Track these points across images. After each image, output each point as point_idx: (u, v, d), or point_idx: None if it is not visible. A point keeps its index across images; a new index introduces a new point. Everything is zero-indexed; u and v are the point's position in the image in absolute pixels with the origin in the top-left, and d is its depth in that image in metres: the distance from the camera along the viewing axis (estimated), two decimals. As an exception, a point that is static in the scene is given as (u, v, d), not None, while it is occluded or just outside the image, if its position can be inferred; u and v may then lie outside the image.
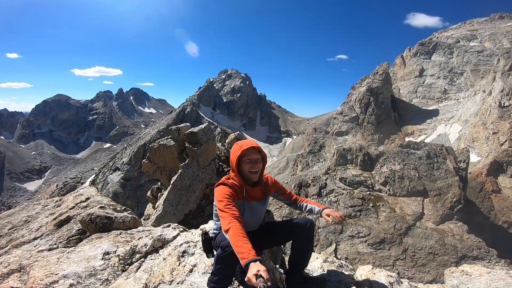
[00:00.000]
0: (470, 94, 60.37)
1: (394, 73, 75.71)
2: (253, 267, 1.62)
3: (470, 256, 27.29)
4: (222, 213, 2.08)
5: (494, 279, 2.58)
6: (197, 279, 2.44)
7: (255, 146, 2.42)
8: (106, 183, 61.34)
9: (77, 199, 5.55)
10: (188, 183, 12.82)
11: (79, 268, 2.73)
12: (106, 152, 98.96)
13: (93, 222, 3.96)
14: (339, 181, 36.71)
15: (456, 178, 33.77)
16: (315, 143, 58.72)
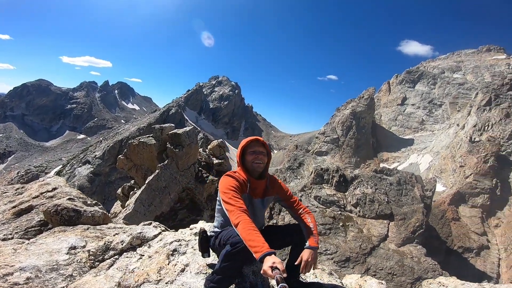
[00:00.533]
0: (445, 126, 63.43)
1: (379, 98, 78.02)
2: (269, 259, 1.63)
3: (425, 278, 28.03)
4: (228, 205, 2.00)
5: None
6: (189, 279, 2.31)
7: (259, 139, 2.42)
8: (72, 176, 58.07)
9: (43, 188, 5.18)
10: (164, 185, 12.48)
11: (40, 261, 2.52)
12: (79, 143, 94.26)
13: (58, 214, 3.70)
14: (314, 199, 37.38)
15: (421, 205, 35.48)
16: (294, 160, 59.70)
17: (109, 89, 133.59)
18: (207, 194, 14.41)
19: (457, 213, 41.48)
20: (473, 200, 43.16)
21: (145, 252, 2.82)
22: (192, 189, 13.55)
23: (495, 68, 70.01)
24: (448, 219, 40.28)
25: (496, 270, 35.45)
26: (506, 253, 36.72)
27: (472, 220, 40.99)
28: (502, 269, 35.67)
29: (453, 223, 40.06)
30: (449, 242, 37.99)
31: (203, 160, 16.43)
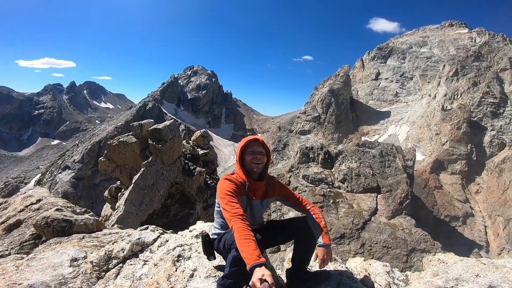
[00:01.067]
0: (417, 97, 66.85)
1: (354, 75, 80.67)
2: (258, 271, 1.61)
3: (418, 249, 29.46)
4: (224, 212, 2.01)
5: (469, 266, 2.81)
6: (200, 284, 2.30)
7: (258, 138, 2.41)
8: (54, 183, 55.81)
9: (27, 201, 4.99)
10: (151, 182, 12.27)
11: (45, 276, 2.46)
12: (54, 149, 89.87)
13: (49, 226, 3.59)
14: (302, 178, 38.05)
15: (404, 176, 36.84)
16: (279, 141, 60.19)
17: (76, 90, 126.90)
18: (197, 186, 14.37)
19: (439, 181, 43.54)
20: (452, 167, 45.56)
21: (148, 258, 2.79)
22: (181, 183, 13.43)
23: (459, 42, 74.30)
24: (431, 188, 42.23)
25: (484, 238, 37.25)
26: (491, 220, 38.70)
27: (453, 188, 43.24)
28: (490, 237, 37.36)
29: (437, 192, 41.97)
30: (435, 211, 39.68)
31: (188, 153, 16.22)
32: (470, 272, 2.69)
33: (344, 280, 2.60)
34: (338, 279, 2.62)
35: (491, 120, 49.15)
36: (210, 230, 2.54)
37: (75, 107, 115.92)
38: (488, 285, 2.44)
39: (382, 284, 2.77)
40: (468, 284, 2.49)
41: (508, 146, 45.80)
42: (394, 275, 2.97)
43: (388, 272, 2.95)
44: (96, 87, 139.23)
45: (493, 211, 39.13)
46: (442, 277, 2.63)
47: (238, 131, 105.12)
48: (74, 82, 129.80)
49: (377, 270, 2.97)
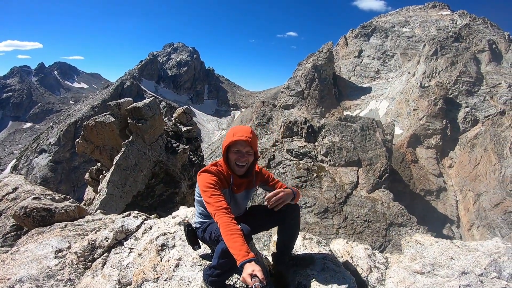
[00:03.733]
0: (398, 74, 69.04)
1: (337, 52, 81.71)
2: (248, 267, 1.60)
3: (396, 223, 30.68)
4: (208, 205, 1.94)
5: (444, 248, 2.94)
6: (186, 273, 2.29)
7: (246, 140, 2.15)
8: (31, 168, 53.64)
9: (3, 190, 4.79)
10: (133, 162, 12.01)
11: (32, 270, 2.43)
12: (27, 132, 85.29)
13: (29, 216, 3.48)
14: (286, 152, 38.50)
15: (384, 149, 37.89)
16: (263, 116, 60.17)
17: (46, 71, 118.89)
18: (181, 164, 14.24)
19: (415, 155, 45.39)
20: (427, 141, 47.70)
21: (133, 245, 2.75)
22: (164, 162, 13.24)
23: (440, 23, 75.89)
24: (408, 162, 43.96)
25: (455, 213, 39.10)
26: (462, 194, 40.75)
27: (428, 161, 45.21)
28: (461, 212, 39.11)
29: (413, 165, 43.73)
30: (411, 185, 41.32)
31: (170, 130, 15.86)
32: (445, 255, 2.82)
33: (328, 264, 2.65)
34: (322, 263, 2.67)
35: (466, 97, 51.38)
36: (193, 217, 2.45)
37: (46, 88, 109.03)
38: (462, 271, 2.56)
39: (364, 267, 2.86)
40: (443, 269, 2.60)
41: (481, 122, 47.95)
42: (375, 258, 3.05)
43: (370, 256, 3.03)
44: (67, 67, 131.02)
45: (464, 185, 40.88)
46: (419, 262, 2.74)
47: (221, 106, 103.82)
48: (43, 63, 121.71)
49: (359, 253, 3.06)
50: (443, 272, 2.57)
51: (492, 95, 50.39)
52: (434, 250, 2.97)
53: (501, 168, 38.75)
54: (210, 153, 62.74)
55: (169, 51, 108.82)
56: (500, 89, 50.51)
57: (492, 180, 38.31)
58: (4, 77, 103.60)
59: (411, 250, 3.13)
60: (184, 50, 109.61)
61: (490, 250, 2.98)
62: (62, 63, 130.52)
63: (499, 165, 38.99)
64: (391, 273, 2.77)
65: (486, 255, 2.76)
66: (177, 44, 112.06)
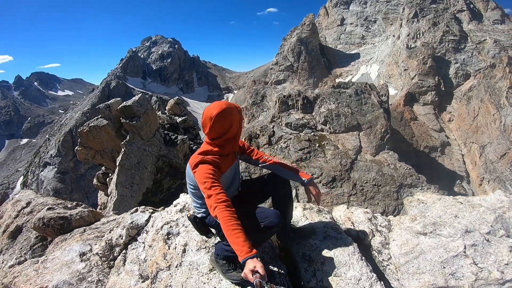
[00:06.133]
0: (383, 38, 69.58)
1: (320, 23, 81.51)
2: (250, 263, 1.60)
3: (406, 184, 30.46)
4: (207, 199, 1.87)
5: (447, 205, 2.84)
6: (193, 257, 2.36)
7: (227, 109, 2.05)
8: (40, 182, 54.10)
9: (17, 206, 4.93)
10: (136, 160, 12.07)
11: (64, 275, 2.55)
12: (26, 148, 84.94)
13: (48, 226, 3.63)
14: (285, 126, 38.39)
15: (381, 110, 37.67)
16: (256, 94, 59.64)
17: (25, 83, 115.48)
18: (183, 155, 14.31)
19: (413, 113, 45.52)
20: (423, 98, 48.18)
21: (146, 239, 2.81)
22: (166, 155, 13.30)
23: None
24: (407, 120, 44.00)
25: (463, 167, 38.84)
26: (466, 148, 40.62)
27: (427, 118, 45.31)
28: (468, 166, 38.77)
29: (413, 123, 43.75)
30: (415, 143, 41.19)
31: (166, 123, 15.80)
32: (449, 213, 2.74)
33: (329, 232, 2.64)
34: (324, 231, 2.66)
35: (454, 54, 52.19)
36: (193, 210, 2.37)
37: (31, 101, 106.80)
38: (465, 230, 2.44)
39: (366, 232, 2.81)
40: (445, 228, 2.50)
41: (473, 76, 48.55)
42: (377, 222, 2.94)
43: (370, 219, 2.94)
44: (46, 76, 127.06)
45: (467, 138, 40.86)
46: (420, 222, 2.63)
47: (213, 91, 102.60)
48: (20, 76, 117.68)
49: (359, 218, 2.97)
50: (446, 232, 2.46)
51: (479, 51, 51.17)
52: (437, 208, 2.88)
53: (500, 118, 38.89)
54: None
55: (148, 45, 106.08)
56: (486, 45, 51.49)
57: (494, 130, 38.29)
58: None
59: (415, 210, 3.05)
60: (164, 42, 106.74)
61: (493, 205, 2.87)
62: (40, 73, 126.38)
63: (498, 115, 39.08)
64: (394, 236, 2.67)
65: (490, 210, 2.66)
66: (156, 37, 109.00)
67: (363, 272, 2.16)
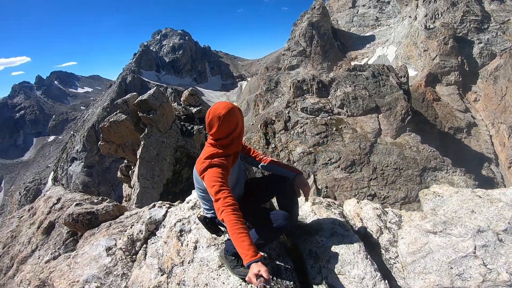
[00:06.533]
0: (398, 19, 66.47)
1: (330, 5, 79.03)
2: (254, 267, 1.61)
3: (429, 167, 29.11)
4: (215, 202, 1.89)
5: (463, 200, 2.70)
6: (204, 254, 2.44)
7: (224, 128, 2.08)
8: (69, 177, 57.25)
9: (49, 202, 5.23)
10: (155, 153, 12.37)
11: (93, 270, 2.72)
12: (54, 145, 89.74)
13: (77, 222, 3.81)
14: (301, 111, 37.86)
15: (401, 92, 36.01)
16: (270, 81, 59.03)
17: (46, 83, 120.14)
18: (200, 144, 14.50)
19: (436, 94, 43.26)
20: (446, 79, 45.78)
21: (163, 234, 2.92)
22: (183, 146, 13.51)
23: None
24: (430, 101, 41.93)
25: (491, 149, 36.68)
26: (494, 128, 38.25)
27: (451, 98, 42.98)
28: (497, 148, 36.50)
29: (436, 104, 41.66)
30: (438, 124, 39.29)
31: (181, 114, 15.97)
32: (465, 208, 2.60)
33: (336, 229, 2.63)
34: (331, 228, 2.65)
35: (477, 34, 49.42)
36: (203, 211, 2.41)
37: (54, 99, 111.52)
38: (477, 229, 2.32)
39: (373, 229, 2.75)
40: (456, 228, 2.40)
41: (499, 55, 45.83)
42: (386, 218, 2.88)
43: (379, 216, 2.88)
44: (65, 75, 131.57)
45: (495, 118, 38.56)
46: (430, 221, 2.56)
47: (226, 80, 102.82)
48: (40, 76, 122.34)
49: (367, 214, 2.92)
50: (457, 231, 2.36)
51: (503, 31, 48.07)
52: (453, 202, 2.73)
53: (529, 98, 36.20)
54: None
55: (159, 39, 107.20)
56: (511, 25, 48.19)
57: None
58: (10, 97, 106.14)
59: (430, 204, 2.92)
60: (174, 34, 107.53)
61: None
62: (58, 72, 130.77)
63: None
64: (403, 234, 2.62)
65: (509, 206, 2.48)
66: (166, 30, 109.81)
67: (367, 271, 2.16)
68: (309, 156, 32.31)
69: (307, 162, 32.00)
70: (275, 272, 2.29)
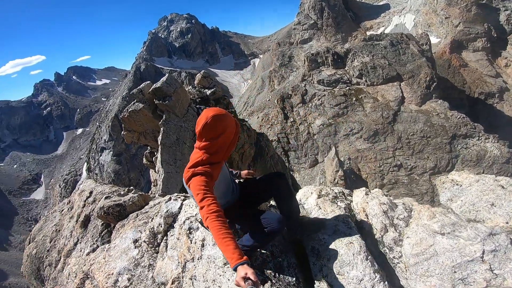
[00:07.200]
0: None
1: None
2: (241, 270, 1.62)
3: (460, 134, 27.61)
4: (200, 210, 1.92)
5: (484, 190, 2.57)
6: (211, 251, 2.50)
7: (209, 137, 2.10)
8: (102, 166, 60.70)
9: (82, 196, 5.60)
10: (175, 138, 12.63)
11: (124, 262, 2.90)
12: (83, 138, 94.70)
13: (109, 214, 4.04)
14: (318, 83, 36.86)
15: (424, 59, 34.09)
16: (283, 56, 57.49)
17: (65, 79, 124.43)
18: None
19: (462, 60, 40.70)
20: (473, 45, 43.21)
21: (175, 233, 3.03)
22: (202, 129, 13.68)
23: None
24: (456, 67, 39.49)
25: None
26: None
27: (480, 64, 40.23)
28: None
29: (463, 70, 39.18)
30: (467, 90, 37.08)
31: (196, 97, 16.02)
32: (485, 200, 2.43)
33: (339, 227, 2.59)
34: (334, 225, 2.61)
35: (502, 1, 45.87)
36: None
37: (75, 94, 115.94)
38: (489, 232, 2.17)
39: (378, 227, 2.66)
40: (466, 230, 2.26)
41: None
42: (394, 214, 2.76)
43: (386, 212, 2.76)
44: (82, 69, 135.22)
45: None
46: (438, 221, 2.43)
47: (238, 59, 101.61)
48: (58, 73, 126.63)
49: (373, 210, 2.81)
50: (465, 234, 2.22)
51: None
52: (472, 193, 2.55)
53: None
54: (244, 105, 63.17)
55: (166, 25, 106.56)
56: None
57: None
58: (34, 96, 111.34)
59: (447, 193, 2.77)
60: (180, 19, 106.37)
61: (539, 193, 2.40)
62: (75, 67, 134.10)
63: None
64: (409, 233, 2.49)
65: None
66: (171, 16, 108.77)
67: (366, 273, 2.14)
68: (329, 128, 31.86)
69: (328, 134, 31.63)
70: (278, 268, 2.33)
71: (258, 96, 59.13)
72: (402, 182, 27.52)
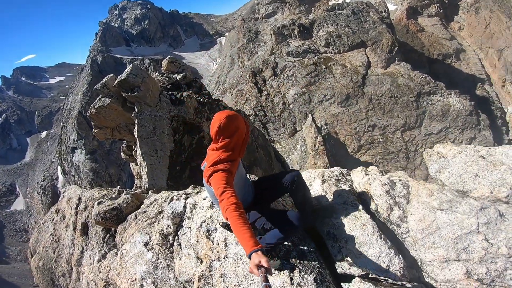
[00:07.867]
0: None
1: None
2: (255, 257, 1.67)
3: (424, 92, 29.46)
4: (220, 202, 1.99)
5: (467, 161, 2.80)
6: (235, 249, 2.62)
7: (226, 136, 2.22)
8: (77, 167, 57.51)
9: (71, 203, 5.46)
10: (151, 128, 12.23)
11: (143, 266, 2.95)
12: (49, 140, 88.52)
13: (107, 219, 4.02)
14: (287, 55, 36.94)
15: (384, 26, 35.49)
16: (249, 32, 56.29)
17: (13, 81, 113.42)
18: (193, 109, 14.29)
19: (419, 25, 42.37)
20: (427, 11, 44.69)
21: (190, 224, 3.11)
22: (177, 115, 13.32)
23: None
24: (414, 32, 41.24)
25: (482, 70, 36.70)
26: (483, 52, 37.81)
27: (435, 28, 41.91)
28: (488, 69, 36.57)
29: (420, 34, 40.96)
30: (426, 52, 38.96)
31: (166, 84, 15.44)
32: (469, 172, 2.69)
33: (349, 210, 2.81)
34: (343, 209, 2.83)
35: None
36: None
37: (29, 96, 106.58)
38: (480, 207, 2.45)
39: (384, 207, 2.87)
40: (461, 206, 2.54)
41: None
42: (395, 192, 2.95)
43: (388, 192, 2.95)
44: (29, 69, 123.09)
45: (482, 44, 38.45)
46: (436, 198, 2.69)
47: (203, 39, 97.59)
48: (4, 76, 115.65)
49: (377, 191, 2.99)
50: (461, 209, 2.52)
51: None
52: (457, 164, 2.82)
53: (514, 25, 34.82)
54: (215, 84, 61.86)
55: (118, 13, 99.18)
56: None
57: (509, 36, 35.25)
58: None
59: (435, 165, 3.04)
60: (134, 6, 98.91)
61: (516, 163, 2.69)
62: (21, 68, 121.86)
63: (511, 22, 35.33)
64: (412, 210, 2.76)
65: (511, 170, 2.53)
66: (122, 3, 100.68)
67: (382, 250, 2.44)
68: (303, 96, 32.67)
69: (303, 103, 32.47)
70: (301, 255, 2.52)
71: (229, 74, 58.31)
72: (378, 141, 29.42)
